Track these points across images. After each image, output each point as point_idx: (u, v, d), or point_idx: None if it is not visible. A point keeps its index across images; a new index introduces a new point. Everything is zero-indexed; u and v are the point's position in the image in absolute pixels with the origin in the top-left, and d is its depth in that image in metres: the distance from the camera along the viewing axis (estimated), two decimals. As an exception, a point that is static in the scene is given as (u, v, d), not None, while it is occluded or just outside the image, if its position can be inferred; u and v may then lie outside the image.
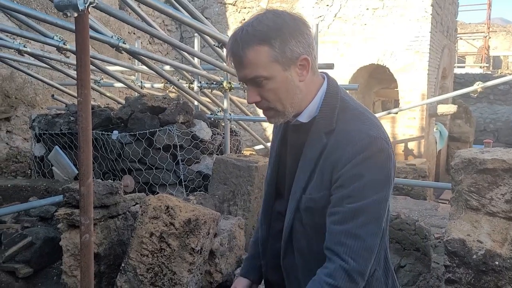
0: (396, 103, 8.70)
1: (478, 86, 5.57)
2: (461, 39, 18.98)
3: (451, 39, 10.42)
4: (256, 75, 1.20)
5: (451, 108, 8.00)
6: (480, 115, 14.89)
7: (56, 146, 5.05)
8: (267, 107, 1.26)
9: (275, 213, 1.41)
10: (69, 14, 1.98)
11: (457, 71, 16.44)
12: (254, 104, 1.28)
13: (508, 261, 1.71)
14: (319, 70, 1.34)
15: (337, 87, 1.31)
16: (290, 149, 1.38)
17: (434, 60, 8.53)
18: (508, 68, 21.46)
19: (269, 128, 9.55)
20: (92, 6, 2.08)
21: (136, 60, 5.11)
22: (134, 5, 3.74)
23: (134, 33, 8.15)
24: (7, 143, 6.39)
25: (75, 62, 5.29)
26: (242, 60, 1.20)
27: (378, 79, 9.63)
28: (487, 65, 18.43)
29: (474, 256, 1.77)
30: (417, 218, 3.64)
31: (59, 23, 3.17)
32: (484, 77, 13.64)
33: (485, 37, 17.67)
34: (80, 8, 1.96)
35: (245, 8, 9.52)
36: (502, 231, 1.81)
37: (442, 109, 7.93)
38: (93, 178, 2.52)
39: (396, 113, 7.40)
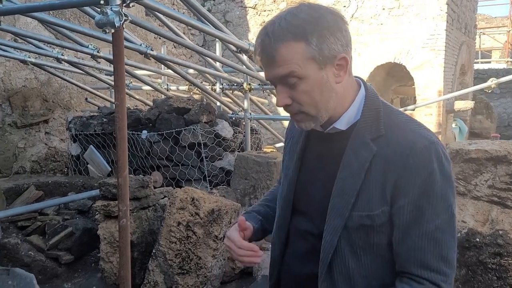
0: (415, 100, 8.78)
1: (492, 82, 5.64)
2: (483, 34, 18.66)
3: (470, 35, 10.33)
4: (290, 73, 1.05)
5: (468, 104, 8.00)
6: (504, 110, 14.62)
7: (91, 146, 5.32)
8: (298, 111, 1.10)
9: (299, 232, 1.22)
10: (107, 31, 2.29)
11: (481, 66, 16.17)
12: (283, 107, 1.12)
13: (488, 238, 1.94)
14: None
15: (374, 90, 1.18)
16: (318, 161, 1.20)
17: (450, 57, 8.51)
18: (537, 61, 20.88)
19: (290, 126, 9.70)
20: (126, 22, 2.36)
21: (162, 65, 5.30)
22: (161, 15, 4.02)
23: (159, 38, 8.41)
24: (45, 144, 6.71)
25: (106, 68, 5.64)
26: (273, 57, 1.04)
27: (396, 77, 9.66)
28: (511, 60, 18.11)
29: (459, 235, 2.02)
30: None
31: (94, 34, 3.51)
32: (507, 72, 13.43)
33: (508, 31, 17.39)
34: (117, 25, 2.26)
35: (264, 11, 9.68)
36: (485, 212, 2.05)
37: (459, 105, 7.93)
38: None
39: (413, 110, 7.48)
